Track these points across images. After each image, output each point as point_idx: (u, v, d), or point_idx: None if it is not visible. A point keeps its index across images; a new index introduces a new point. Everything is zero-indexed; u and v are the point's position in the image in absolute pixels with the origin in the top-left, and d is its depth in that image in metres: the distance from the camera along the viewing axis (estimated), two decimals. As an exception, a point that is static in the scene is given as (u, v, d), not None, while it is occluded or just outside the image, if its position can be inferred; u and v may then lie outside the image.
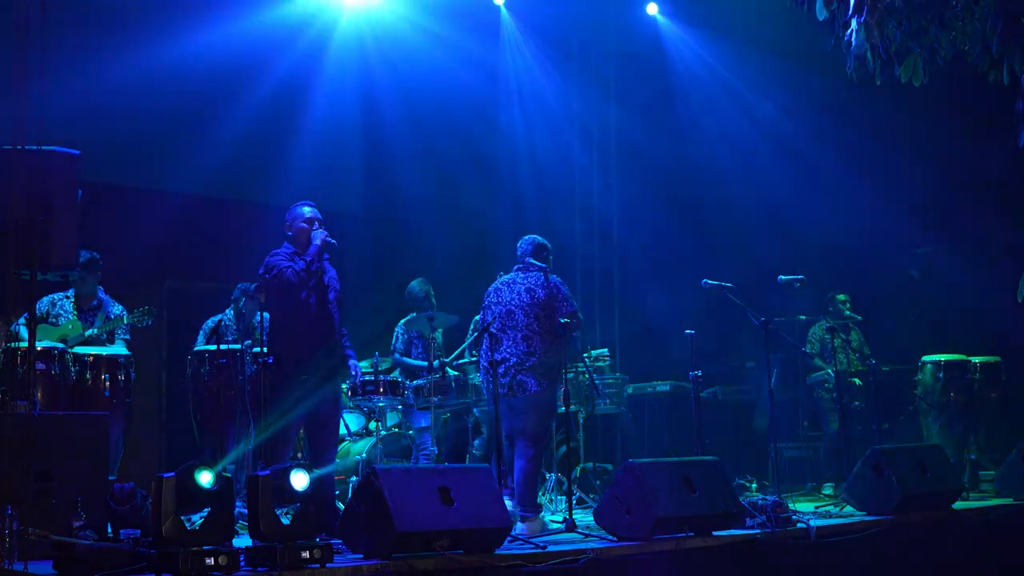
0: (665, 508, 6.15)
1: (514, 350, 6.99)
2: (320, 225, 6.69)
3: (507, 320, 7.05)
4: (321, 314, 6.61)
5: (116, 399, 7.12)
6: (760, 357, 8.97)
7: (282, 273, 6.49)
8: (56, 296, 7.63)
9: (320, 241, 6.60)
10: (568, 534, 6.45)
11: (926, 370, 9.31)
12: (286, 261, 6.55)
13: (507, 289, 7.16)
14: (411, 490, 5.48)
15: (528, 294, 7.07)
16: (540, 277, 7.11)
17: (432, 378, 8.22)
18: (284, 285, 6.49)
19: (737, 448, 9.70)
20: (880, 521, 7.02)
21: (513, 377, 6.97)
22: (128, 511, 5.87)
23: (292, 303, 6.51)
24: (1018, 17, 5.05)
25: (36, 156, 5.54)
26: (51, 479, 5.43)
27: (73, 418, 6.04)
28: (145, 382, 8.12)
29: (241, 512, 5.85)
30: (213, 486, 4.87)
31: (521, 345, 6.98)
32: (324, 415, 6.60)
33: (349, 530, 5.56)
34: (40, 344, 6.36)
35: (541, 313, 7.01)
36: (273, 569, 4.93)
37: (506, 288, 7.17)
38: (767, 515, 6.52)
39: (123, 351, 7.40)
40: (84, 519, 5.36)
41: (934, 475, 7.60)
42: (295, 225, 6.72)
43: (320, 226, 6.69)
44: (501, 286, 7.22)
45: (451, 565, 5.33)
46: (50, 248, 5.64)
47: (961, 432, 9.19)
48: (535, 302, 7.03)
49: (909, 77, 5.55)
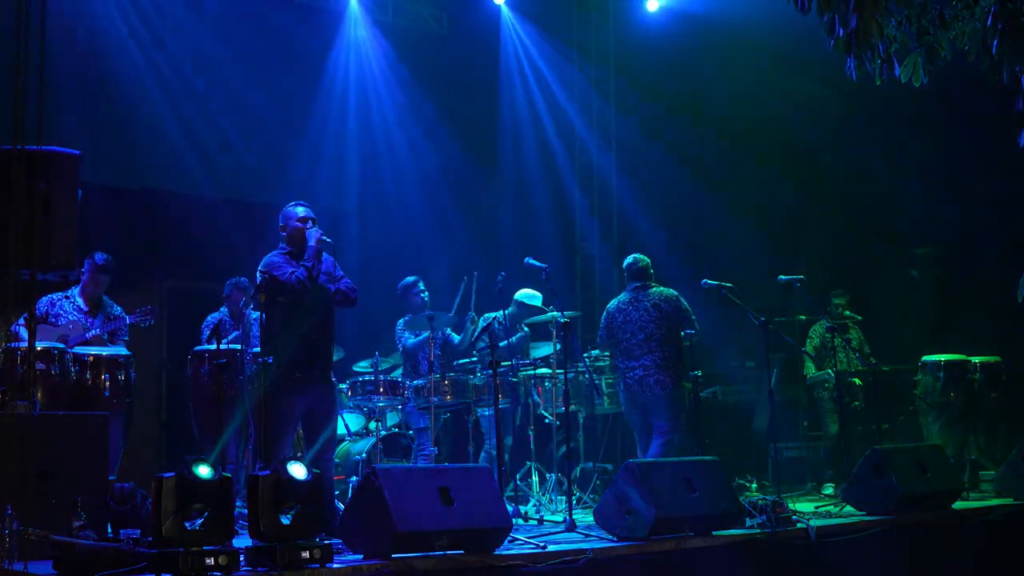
0: (665, 508, 6.15)
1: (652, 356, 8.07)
2: (314, 223, 6.70)
3: (638, 333, 8.11)
4: (321, 314, 6.62)
5: (116, 399, 7.11)
6: (760, 357, 8.97)
7: (282, 278, 6.48)
8: (55, 296, 7.62)
9: (315, 241, 6.60)
10: (568, 534, 6.45)
11: (926, 370, 9.31)
12: (286, 265, 6.55)
13: (632, 308, 8.20)
14: (411, 490, 5.48)
15: (656, 309, 8.16)
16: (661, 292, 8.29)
17: (432, 378, 8.21)
18: (284, 290, 6.48)
19: (737, 448, 9.70)
20: (880, 521, 7.02)
21: (652, 377, 8.02)
22: (128, 511, 5.87)
23: (292, 305, 6.50)
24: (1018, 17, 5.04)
25: (36, 156, 5.54)
26: (51, 479, 5.43)
27: (73, 418, 6.04)
28: (145, 382, 8.12)
29: (241, 512, 5.85)
30: (212, 477, 4.86)
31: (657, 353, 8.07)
32: (322, 414, 6.61)
33: (349, 530, 5.56)
34: (40, 344, 6.36)
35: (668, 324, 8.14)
36: (273, 569, 4.93)
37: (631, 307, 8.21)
38: (767, 515, 6.52)
39: (123, 351, 7.39)
40: (84, 519, 5.36)
41: (934, 475, 7.60)
42: (289, 225, 6.74)
43: (314, 224, 6.69)
44: (626, 307, 8.24)
45: (451, 565, 5.33)
46: (50, 248, 5.64)
47: (961, 432, 9.17)
48: (663, 316, 8.14)
49: (909, 77, 5.55)
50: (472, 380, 8.44)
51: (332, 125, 11.09)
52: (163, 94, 10.00)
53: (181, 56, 10.03)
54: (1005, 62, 5.13)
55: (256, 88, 10.33)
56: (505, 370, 8.57)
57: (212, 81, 10.17)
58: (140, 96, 9.83)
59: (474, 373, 8.59)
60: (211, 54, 10.02)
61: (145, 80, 9.88)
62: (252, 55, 10.26)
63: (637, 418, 8.24)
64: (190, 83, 10.12)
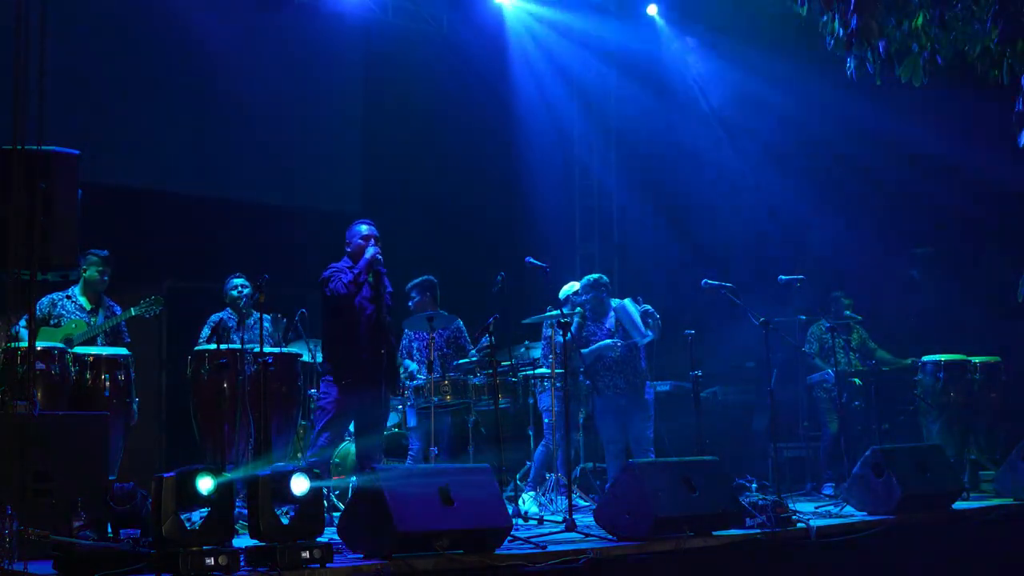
0: (665, 508, 6.15)
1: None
2: (376, 242, 7.20)
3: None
4: (375, 324, 7.10)
5: (116, 399, 7.10)
6: (760, 357, 8.97)
7: (332, 282, 7.05)
8: (56, 296, 7.62)
9: (369, 256, 7.11)
10: (568, 534, 6.44)
11: (926, 370, 9.31)
12: (340, 273, 7.08)
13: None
14: (411, 490, 5.48)
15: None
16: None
17: (432, 378, 8.21)
18: (335, 294, 7.03)
19: (737, 448, 9.69)
20: (880, 521, 7.02)
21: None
22: (128, 511, 5.86)
23: (345, 312, 7.06)
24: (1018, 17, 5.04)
25: (36, 156, 5.54)
26: (51, 479, 5.42)
27: (73, 418, 6.04)
28: (145, 382, 8.11)
29: (241, 512, 5.84)
30: (212, 495, 4.86)
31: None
32: (373, 418, 7.12)
33: (349, 530, 5.55)
34: (40, 344, 6.35)
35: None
36: (273, 569, 4.93)
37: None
38: (767, 515, 6.52)
39: (123, 351, 7.39)
40: (84, 519, 5.36)
41: (934, 475, 7.60)
42: (353, 242, 7.27)
43: (376, 243, 7.20)
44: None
45: (451, 565, 5.33)
46: (50, 248, 5.64)
47: (961, 432, 9.18)
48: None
49: (909, 77, 5.55)
50: (472, 380, 8.44)
51: (333, 125, 11.08)
52: (163, 93, 10.00)
53: (181, 54, 10.02)
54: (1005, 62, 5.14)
55: (256, 87, 10.32)
56: (505, 370, 8.58)
57: (212, 81, 10.16)
58: (140, 96, 9.83)
59: (474, 373, 8.59)
60: (210, 53, 10.00)
61: (145, 80, 9.88)
62: (253, 54, 10.25)
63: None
64: (190, 82, 10.11)
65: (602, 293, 8.64)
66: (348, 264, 7.18)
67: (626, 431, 8.45)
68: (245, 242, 9.85)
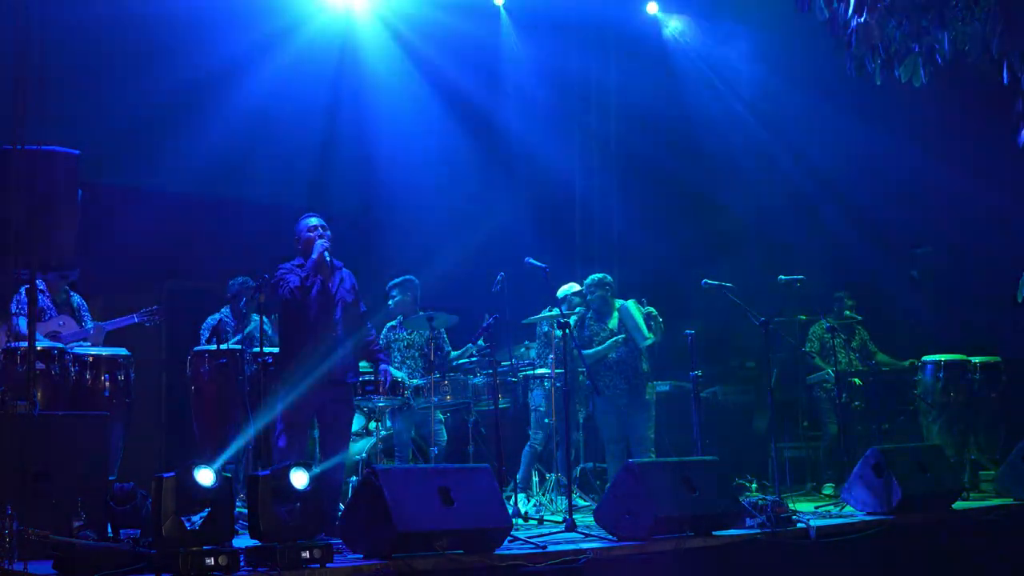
0: (665, 508, 6.15)
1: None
2: (323, 232, 6.72)
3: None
4: (322, 323, 6.63)
5: (116, 399, 7.09)
6: (760, 357, 8.96)
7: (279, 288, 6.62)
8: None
9: (317, 254, 6.63)
10: (568, 534, 6.45)
11: (926, 370, 9.31)
12: (288, 275, 6.65)
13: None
14: (411, 490, 5.49)
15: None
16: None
17: (432, 378, 8.21)
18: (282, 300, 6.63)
19: (737, 448, 9.69)
20: (880, 521, 7.03)
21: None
22: (128, 511, 5.87)
23: (292, 313, 6.63)
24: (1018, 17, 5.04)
25: (36, 156, 5.54)
26: (51, 479, 5.43)
27: (73, 418, 6.04)
28: (145, 382, 8.10)
29: (241, 512, 5.85)
30: (213, 485, 4.87)
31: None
32: (330, 416, 6.67)
33: (349, 530, 5.56)
34: (40, 344, 6.35)
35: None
36: (273, 569, 4.93)
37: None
38: (767, 515, 6.53)
39: (123, 351, 7.38)
40: (84, 519, 5.36)
41: (934, 475, 7.61)
42: (302, 237, 6.79)
43: (323, 233, 6.71)
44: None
45: (451, 565, 5.33)
46: (50, 248, 5.64)
47: (961, 432, 9.18)
48: None
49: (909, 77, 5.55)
50: (472, 380, 8.44)
51: (334, 125, 11.06)
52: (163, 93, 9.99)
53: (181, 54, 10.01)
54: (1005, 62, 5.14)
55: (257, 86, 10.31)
56: (505, 370, 8.58)
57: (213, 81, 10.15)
58: (140, 96, 9.82)
59: (474, 373, 8.59)
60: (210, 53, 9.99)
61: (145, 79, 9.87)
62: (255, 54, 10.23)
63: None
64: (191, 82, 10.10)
65: (607, 293, 8.65)
66: (299, 262, 6.74)
67: (627, 431, 8.44)
68: (244, 242, 9.84)
